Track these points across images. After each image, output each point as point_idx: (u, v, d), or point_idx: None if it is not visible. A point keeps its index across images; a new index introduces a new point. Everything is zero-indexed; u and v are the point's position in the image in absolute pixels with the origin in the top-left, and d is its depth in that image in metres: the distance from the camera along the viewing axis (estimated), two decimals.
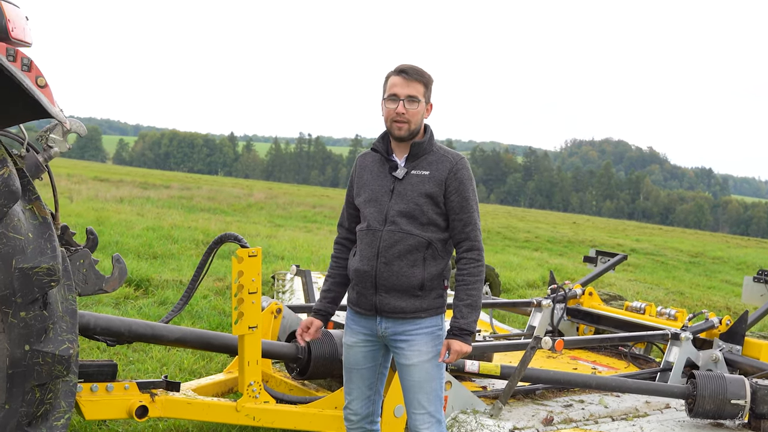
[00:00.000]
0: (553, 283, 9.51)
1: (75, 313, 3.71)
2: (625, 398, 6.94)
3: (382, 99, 4.45)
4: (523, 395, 6.73)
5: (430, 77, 4.45)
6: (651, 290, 18.25)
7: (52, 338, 3.58)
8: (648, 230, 60.10)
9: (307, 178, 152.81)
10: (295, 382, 6.18)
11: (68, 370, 3.62)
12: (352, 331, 4.61)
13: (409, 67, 4.41)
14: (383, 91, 4.45)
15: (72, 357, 3.61)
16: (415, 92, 4.36)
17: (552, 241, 34.18)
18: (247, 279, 5.18)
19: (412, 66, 4.42)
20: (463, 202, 4.38)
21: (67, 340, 3.62)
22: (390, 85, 4.40)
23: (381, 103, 4.46)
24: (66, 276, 3.75)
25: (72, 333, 3.66)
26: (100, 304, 9.79)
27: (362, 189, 4.55)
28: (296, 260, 15.90)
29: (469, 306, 4.36)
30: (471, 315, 4.37)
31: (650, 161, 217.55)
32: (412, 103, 4.36)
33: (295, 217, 33.05)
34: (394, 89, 4.37)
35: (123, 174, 58.24)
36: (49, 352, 3.55)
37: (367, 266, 4.43)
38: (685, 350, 7.59)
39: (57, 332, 3.60)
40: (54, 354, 3.56)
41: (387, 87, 4.42)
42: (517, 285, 16.48)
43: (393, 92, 4.37)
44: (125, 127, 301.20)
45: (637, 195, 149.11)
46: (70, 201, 26.31)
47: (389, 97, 4.38)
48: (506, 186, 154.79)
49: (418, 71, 4.40)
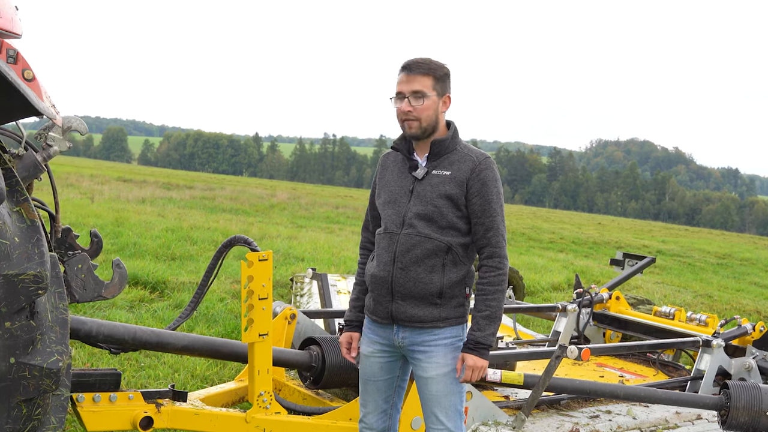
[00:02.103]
0: (579, 286, 9.23)
1: (66, 322, 3.46)
2: (654, 409, 6.64)
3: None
4: (547, 405, 6.46)
5: (440, 67, 4.15)
6: (678, 293, 17.89)
7: (40, 350, 3.33)
8: (674, 231, 59.45)
9: (331, 179, 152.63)
10: (309, 392, 5.94)
11: (57, 384, 3.37)
12: (369, 341, 4.37)
13: (413, 61, 4.14)
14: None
15: (62, 370, 3.36)
16: (420, 86, 4.09)
17: (577, 243, 33.75)
18: (258, 284, 4.91)
19: (416, 59, 4.15)
20: (485, 206, 4.09)
21: (57, 351, 3.37)
22: (396, 83, 4.16)
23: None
24: (56, 283, 3.50)
25: (62, 344, 3.40)
26: (114, 307, 9.60)
27: (383, 190, 4.31)
28: (317, 262, 15.68)
29: (487, 318, 4.08)
30: (489, 327, 4.09)
31: (676, 161, 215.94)
32: (418, 99, 4.09)
33: (318, 217, 32.80)
34: (399, 87, 4.13)
35: (147, 174, 58.22)
36: (37, 365, 3.30)
37: (383, 272, 4.19)
38: (716, 358, 7.28)
39: (45, 343, 3.36)
40: (42, 367, 3.30)
41: (395, 85, 4.19)
42: (541, 288, 16.16)
43: (398, 90, 4.14)
44: (151, 128, 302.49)
45: (662, 196, 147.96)
46: (91, 202, 26.21)
47: (396, 96, 4.15)
48: (531, 186, 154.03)
49: (422, 64, 4.12)
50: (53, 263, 3.50)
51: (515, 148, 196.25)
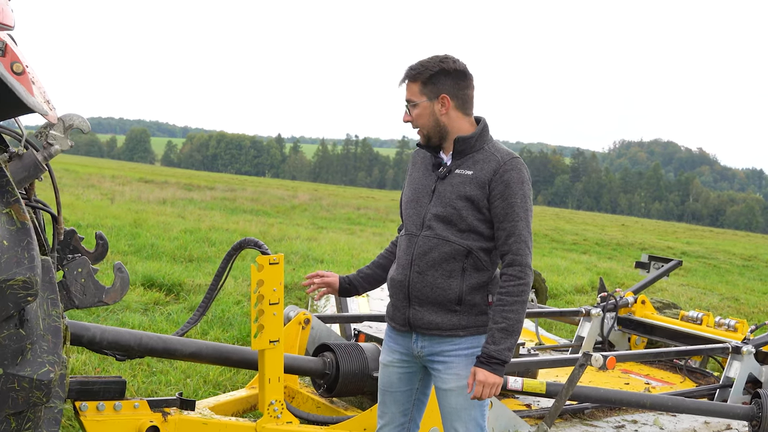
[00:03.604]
0: (604, 290, 8.97)
1: (59, 331, 3.25)
2: (681, 418, 6.41)
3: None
4: (570, 415, 6.23)
5: (428, 67, 3.92)
6: (704, 296, 17.59)
7: (30, 360, 3.12)
8: (698, 232, 58.91)
9: (354, 180, 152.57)
10: (323, 400, 5.74)
11: (48, 396, 3.16)
12: (389, 349, 4.17)
13: (406, 69, 3.97)
14: None
15: (53, 381, 3.15)
16: (410, 95, 3.95)
17: (600, 244, 33.40)
18: (268, 289, 4.70)
19: (411, 65, 3.97)
20: (507, 209, 3.82)
21: (48, 362, 3.16)
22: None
23: None
24: (49, 289, 3.29)
25: (54, 354, 3.19)
26: (128, 310, 9.44)
27: (408, 188, 4.11)
28: (336, 263, 15.50)
29: (503, 330, 3.79)
30: (505, 341, 3.78)
31: (700, 162, 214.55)
32: (414, 108, 3.95)
33: (339, 219, 32.62)
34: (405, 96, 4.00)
35: (168, 175, 58.28)
36: (26, 376, 3.09)
37: (401, 275, 3.98)
38: (746, 365, 7.02)
39: (36, 353, 3.15)
40: (32, 378, 3.10)
41: None
42: (564, 290, 15.87)
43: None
44: (174, 129, 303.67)
45: (686, 197, 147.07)
46: (111, 203, 26.15)
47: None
48: (554, 187, 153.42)
49: (409, 70, 3.95)
50: (46, 268, 3.29)
51: (538, 149, 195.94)
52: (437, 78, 3.91)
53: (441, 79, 3.92)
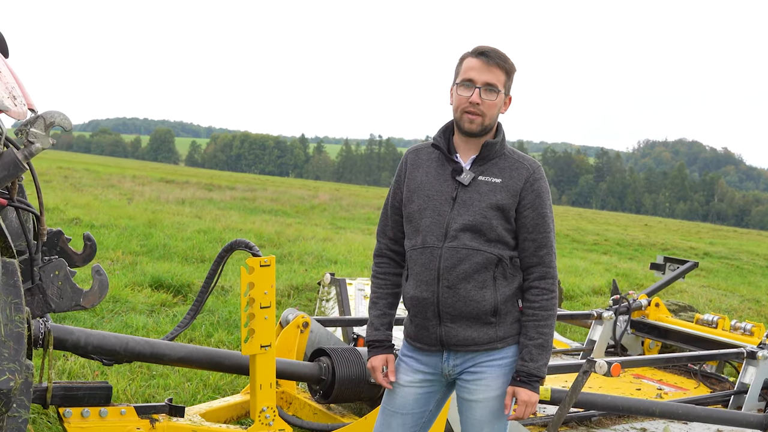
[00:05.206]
0: (616, 292, 8.76)
1: (21, 337, 3.09)
2: (693, 426, 6.17)
3: (453, 84, 3.72)
4: (576, 422, 6.02)
5: (513, 65, 3.72)
6: (725, 297, 17.29)
7: None
8: (722, 233, 58.33)
9: (377, 180, 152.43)
10: (320, 406, 5.57)
11: (8, 406, 3.00)
12: (410, 369, 3.86)
13: (491, 49, 3.67)
14: (455, 75, 3.72)
15: (13, 390, 2.99)
16: (495, 80, 3.64)
17: (622, 244, 33.05)
18: (259, 292, 4.55)
19: (494, 49, 3.67)
20: (538, 220, 3.65)
21: (9, 370, 3.00)
22: (465, 69, 3.67)
23: (450, 89, 3.75)
24: (12, 293, 3.14)
25: (15, 362, 3.03)
26: (133, 311, 9.31)
27: (415, 193, 3.77)
28: (350, 264, 15.35)
29: (540, 347, 3.63)
30: (542, 357, 3.64)
31: (725, 162, 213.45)
32: (490, 93, 3.64)
33: (358, 219, 32.46)
34: (471, 73, 3.64)
35: (190, 175, 58.31)
36: None
37: (426, 292, 3.69)
38: (762, 371, 6.76)
39: None
40: None
41: (461, 70, 3.69)
42: (581, 292, 15.61)
43: (468, 77, 3.64)
44: (198, 129, 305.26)
45: (711, 197, 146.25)
46: (129, 203, 26.08)
47: (463, 83, 3.66)
48: (578, 187, 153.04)
49: (501, 55, 3.66)
50: (10, 271, 3.14)
51: (562, 148, 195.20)
52: (513, 77, 3.76)
53: (513, 79, 3.76)
